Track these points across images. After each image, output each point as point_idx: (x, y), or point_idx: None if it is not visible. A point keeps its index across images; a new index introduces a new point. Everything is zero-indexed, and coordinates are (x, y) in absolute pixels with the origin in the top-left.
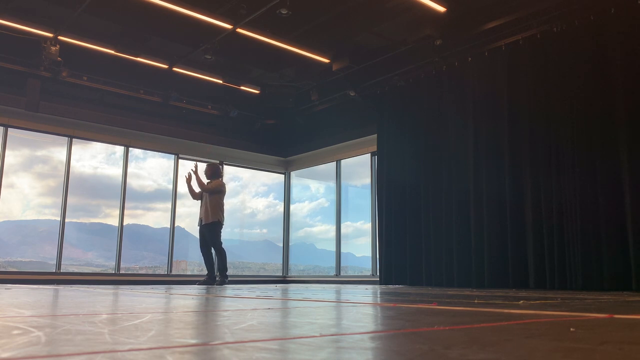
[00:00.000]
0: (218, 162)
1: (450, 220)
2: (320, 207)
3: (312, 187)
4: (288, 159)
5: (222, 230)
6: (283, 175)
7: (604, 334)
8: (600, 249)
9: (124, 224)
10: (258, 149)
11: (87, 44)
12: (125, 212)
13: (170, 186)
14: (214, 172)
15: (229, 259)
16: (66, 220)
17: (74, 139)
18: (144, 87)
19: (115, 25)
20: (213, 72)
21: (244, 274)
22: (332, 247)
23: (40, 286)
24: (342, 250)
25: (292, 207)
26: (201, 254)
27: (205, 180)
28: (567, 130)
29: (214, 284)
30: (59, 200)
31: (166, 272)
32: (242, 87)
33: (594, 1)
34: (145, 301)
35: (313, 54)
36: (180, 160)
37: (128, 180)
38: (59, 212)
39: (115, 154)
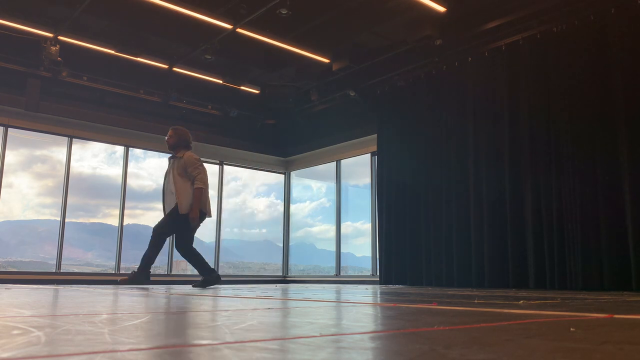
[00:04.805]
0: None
1: (450, 220)
2: (321, 207)
3: (314, 187)
4: (288, 159)
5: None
6: (283, 175)
7: (604, 334)
8: (600, 249)
9: (124, 224)
10: (258, 149)
11: (87, 44)
12: (125, 212)
13: None
14: (183, 139)
15: (229, 259)
16: (66, 220)
17: (74, 139)
18: (144, 87)
19: (115, 25)
20: (213, 72)
21: (244, 274)
22: (332, 247)
23: (40, 286)
24: (342, 250)
25: (292, 207)
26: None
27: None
28: (567, 130)
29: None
30: (59, 200)
31: (166, 272)
32: (242, 87)
33: (594, 1)
34: (145, 301)
35: (313, 54)
36: None
37: (128, 180)
38: (58, 212)
39: (115, 154)
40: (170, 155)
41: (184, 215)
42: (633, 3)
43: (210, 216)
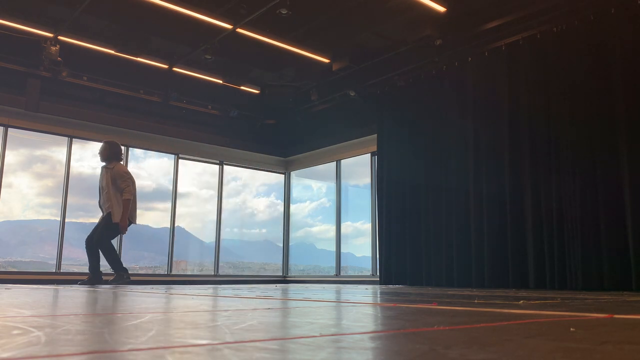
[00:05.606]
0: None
1: (450, 220)
2: (321, 207)
3: (314, 187)
4: (288, 159)
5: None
6: (283, 175)
7: (604, 334)
8: (600, 249)
9: None
10: (258, 149)
11: (87, 44)
12: None
13: (170, 186)
14: (114, 152)
15: (229, 259)
16: (66, 220)
17: (73, 139)
18: (144, 87)
19: (115, 25)
20: (213, 72)
21: (244, 274)
22: (332, 247)
23: (40, 286)
24: (342, 250)
25: (292, 207)
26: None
27: (101, 163)
28: (567, 130)
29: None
30: (59, 200)
31: (166, 272)
32: (242, 87)
33: (594, 1)
34: (145, 301)
35: (313, 54)
36: (180, 160)
37: None
38: (58, 212)
39: None
40: (104, 165)
41: (116, 223)
42: (633, 3)
43: (135, 223)
